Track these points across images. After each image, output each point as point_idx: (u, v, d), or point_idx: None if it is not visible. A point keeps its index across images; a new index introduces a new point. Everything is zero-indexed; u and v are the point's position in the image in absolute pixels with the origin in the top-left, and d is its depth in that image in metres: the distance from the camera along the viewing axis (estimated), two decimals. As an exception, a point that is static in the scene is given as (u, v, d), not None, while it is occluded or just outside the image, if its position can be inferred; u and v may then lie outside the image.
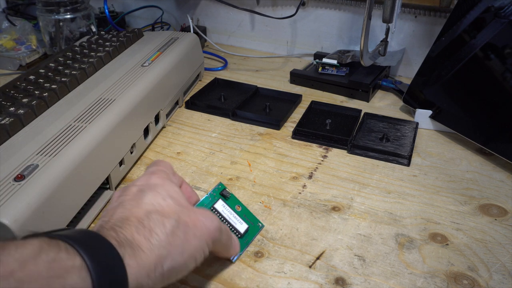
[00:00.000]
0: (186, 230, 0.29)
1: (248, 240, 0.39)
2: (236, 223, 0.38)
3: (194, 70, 0.68)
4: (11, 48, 0.78)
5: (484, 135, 0.51)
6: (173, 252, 0.28)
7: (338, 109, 0.61)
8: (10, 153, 0.39)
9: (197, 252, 0.30)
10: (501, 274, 0.36)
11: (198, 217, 0.31)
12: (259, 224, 0.40)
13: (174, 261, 0.28)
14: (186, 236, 0.29)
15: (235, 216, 0.38)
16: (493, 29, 0.53)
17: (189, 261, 0.29)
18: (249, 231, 0.39)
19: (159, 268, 0.27)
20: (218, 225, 0.32)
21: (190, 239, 0.29)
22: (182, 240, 0.29)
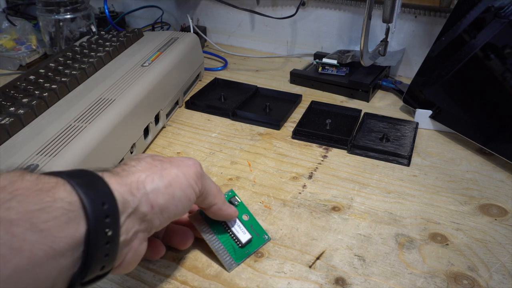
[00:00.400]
0: (162, 162, 0.31)
1: (249, 251, 0.37)
2: (239, 232, 0.37)
3: (194, 70, 0.68)
4: (11, 48, 0.78)
5: (484, 135, 0.51)
6: (151, 176, 0.29)
7: (338, 109, 0.61)
8: (10, 153, 0.39)
9: (179, 178, 0.31)
10: (501, 274, 0.36)
11: (175, 157, 0.33)
12: (265, 236, 0.39)
13: (155, 183, 0.29)
14: (163, 165, 0.31)
15: (239, 225, 0.38)
16: (493, 29, 0.53)
17: (174, 189, 0.30)
18: (252, 242, 0.38)
19: (141, 187, 0.28)
20: (197, 163, 0.33)
21: (167, 167, 0.31)
22: (160, 168, 0.30)
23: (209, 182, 0.34)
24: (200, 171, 0.33)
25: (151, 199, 0.29)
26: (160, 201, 0.29)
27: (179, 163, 0.32)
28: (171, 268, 0.37)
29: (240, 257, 0.37)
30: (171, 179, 0.30)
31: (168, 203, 0.30)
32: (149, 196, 0.29)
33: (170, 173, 0.30)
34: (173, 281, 0.35)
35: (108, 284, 0.35)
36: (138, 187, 0.28)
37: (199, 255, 0.38)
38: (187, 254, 0.38)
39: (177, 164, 0.32)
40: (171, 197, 0.30)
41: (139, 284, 0.35)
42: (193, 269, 0.36)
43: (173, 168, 0.31)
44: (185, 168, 0.32)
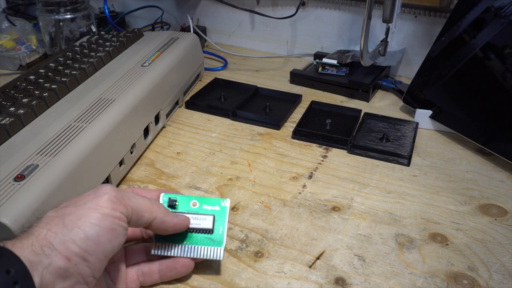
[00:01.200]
0: (65, 209, 0.29)
1: (222, 228, 0.35)
2: (200, 222, 0.35)
3: (194, 70, 0.68)
4: (11, 48, 0.78)
5: (484, 135, 0.51)
6: (53, 229, 0.27)
7: (338, 109, 0.61)
8: (10, 153, 0.39)
9: (89, 218, 0.28)
10: (501, 274, 0.36)
11: (82, 195, 0.30)
12: (222, 203, 0.36)
13: (59, 235, 0.27)
14: (65, 211, 0.28)
15: (195, 217, 0.35)
16: (493, 29, 0.53)
17: (85, 230, 0.27)
18: (217, 218, 0.35)
19: (45, 244, 0.26)
20: (109, 186, 0.30)
21: (71, 211, 0.28)
22: (61, 217, 0.28)
23: (135, 200, 0.31)
24: (115, 194, 0.30)
25: (62, 252, 0.26)
26: (74, 250, 0.27)
27: (86, 198, 0.29)
28: (171, 268, 0.36)
29: (220, 240, 0.35)
30: (78, 222, 0.27)
31: (86, 247, 0.27)
32: (58, 250, 0.26)
33: (75, 216, 0.28)
34: (173, 281, 0.35)
35: (108, 284, 0.35)
36: (42, 244, 0.26)
37: (199, 255, 0.38)
38: (187, 254, 0.38)
39: (83, 201, 0.29)
40: (86, 239, 0.27)
41: (139, 284, 0.35)
42: (193, 269, 0.36)
43: (78, 209, 0.28)
44: (94, 201, 0.29)
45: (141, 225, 0.32)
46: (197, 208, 0.35)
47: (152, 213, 0.32)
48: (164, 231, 0.33)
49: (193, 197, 0.36)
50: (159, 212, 0.32)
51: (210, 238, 0.35)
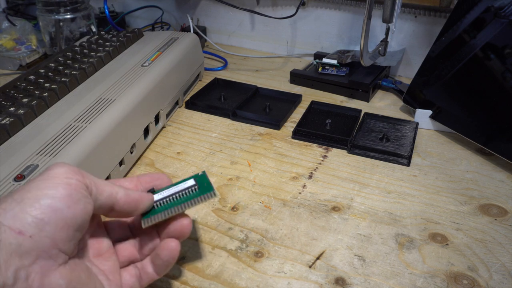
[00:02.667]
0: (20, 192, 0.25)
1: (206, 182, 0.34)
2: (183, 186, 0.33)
3: (194, 70, 0.68)
4: (11, 48, 0.78)
5: (484, 135, 0.51)
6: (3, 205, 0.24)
7: (338, 109, 0.61)
8: (10, 153, 0.39)
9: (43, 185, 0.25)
10: (501, 274, 0.36)
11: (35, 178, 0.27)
12: (199, 174, 0.35)
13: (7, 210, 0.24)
14: (14, 192, 0.25)
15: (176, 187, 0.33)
16: (493, 29, 0.53)
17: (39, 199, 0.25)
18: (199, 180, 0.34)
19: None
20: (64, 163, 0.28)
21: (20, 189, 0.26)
22: (9, 196, 0.25)
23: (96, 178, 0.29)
24: (68, 165, 0.27)
25: (12, 226, 0.24)
26: (27, 220, 0.24)
27: (40, 176, 0.26)
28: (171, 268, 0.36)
29: (208, 187, 0.33)
30: (27, 193, 0.25)
31: (41, 214, 0.24)
32: (7, 225, 0.24)
33: (24, 191, 0.25)
34: (173, 281, 0.35)
35: (108, 284, 0.35)
36: None
37: (199, 255, 0.38)
38: (187, 254, 0.38)
39: (37, 178, 0.26)
40: (40, 207, 0.25)
41: (139, 284, 0.35)
42: (193, 269, 0.36)
43: (28, 184, 0.26)
44: (45, 174, 0.26)
45: (103, 202, 0.29)
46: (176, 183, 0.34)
47: (114, 187, 0.29)
48: (134, 209, 0.31)
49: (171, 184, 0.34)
50: (120, 188, 0.30)
51: (197, 190, 0.33)
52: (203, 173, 0.35)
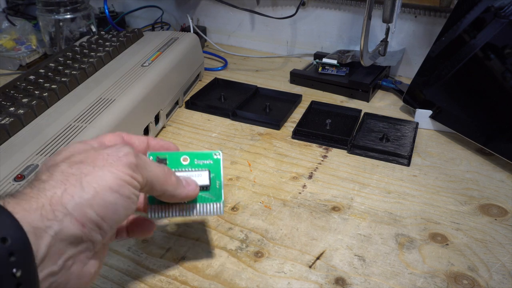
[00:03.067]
0: (82, 166, 0.26)
1: (219, 182, 0.33)
2: (196, 179, 0.33)
3: (194, 70, 0.68)
4: (11, 48, 0.78)
5: (484, 135, 0.51)
6: (69, 189, 0.24)
7: (338, 109, 0.61)
8: (10, 153, 0.39)
9: (108, 181, 0.25)
10: (501, 274, 0.36)
11: (100, 152, 0.27)
12: (215, 156, 0.34)
13: (76, 198, 0.24)
14: (82, 169, 0.25)
15: (190, 175, 0.33)
16: (493, 29, 0.53)
17: (103, 193, 0.25)
18: (212, 170, 0.33)
19: (58, 208, 0.24)
20: (129, 150, 0.27)
21: (90, 172, 0.25)
22: (79, 176, 0.25)
23: (151, 169, 0.29)
24: (134, 161, 0.27)
25: (78, 218, 0.24)
26: (91, 216, 0.24)
27: (105, 158, 0.26)
28: (171, 268, 0.37)
29: (219, 195, 0.33)
30: (96, 185, 0.25)
31: (103, 213, 0.25)
32: (73, 215, 0.24)
33: (93, 178, 0.25)
34: (173, 281, 0.35)
35: (108, 284, 0.35)
36: (54, 208, 0.23)
37: (199, 255, 0.38)
38: (187, 254, 0.38)
39: (103, 160, 0.26)
40: (104, 205, 0.25)
41: (139, 284, 0.35)
42: (193, 269, 0.36)
43: (97, 170, 0.26)
44: (114, 164, 0.26)
45: (150, 194, 0.31)
46: (189, 164, 0.33)
47: (163, 187, 0.30)
48: (171, 201, 0.31)
49: (183, 152, 0.33)
50: (170, 185, 0.30)
51: (207, 194, 0.33)
52: (217, 160, 0.33)
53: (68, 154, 0.27)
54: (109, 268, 0.37)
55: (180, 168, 0.32)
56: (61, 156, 0.27)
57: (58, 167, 0.26)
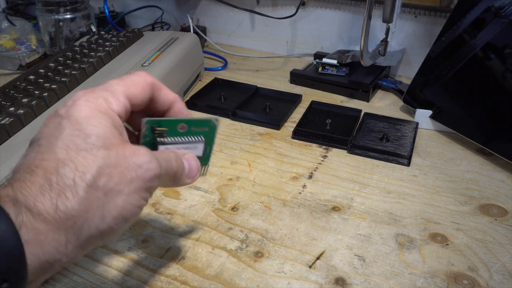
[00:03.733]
0: (108, 185, 0.23)
1: (210, 147, 0.33)
2: (191, 151, 0.32)
3: (194, 70, 0.68)
4: (11, 48, 0.78)
5: (484, 135, 0.51)
6: (91, 220, 0.22)
7: (338, 109, 0.61)
8: (10, 153, 0.39)
9: (127, 211, 0.24)
10: (501, 274, 0.36)
11: (129, 165, 0.24)
12: (213, 123, 0.32)
13: (93, 229, 0.22)
14: (108, 194, 0.23)
15: (186, 147, 0.32)
16: (493, 29, 0.53)
17: (118, 224, 0.24)
18: (206, 139, 0.32)
19: (72, 241, 0.22)
20: (157, 168, 0.25)
21: (114, 197, 0.23)
22: (103, 201, 0.23)
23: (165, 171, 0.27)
24: (159, 171, 0.25)
25: (85, 248, 0.23)
26: (97, 243, 0.24)
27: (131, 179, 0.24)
28: (171, 268, 0.37)
29: (206, 159, 0.33)
30: (115, 216, 0.23)
31: (108, 238, 0.24)
32: (83, 246, 0.23)
33: (115, 207, 0.23)
34: (173, 281, 0.35)
35: (108, 284, 0.35)
36: (69, 240, 0.22)
37: (199, 255, 0.38)
38: (187, 254, 0.38)
39: (129, 182, 0.24)
40: (113, 233, 0.24)
41: (139, 284, 0.35)
42: (193, 269, 0.36)
43: (121, 196, 0.23)
44: (138, 189, 0.24)
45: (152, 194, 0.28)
46: (186, 131, 0.31)
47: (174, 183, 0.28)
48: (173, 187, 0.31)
49: (179, 120, 0.31)
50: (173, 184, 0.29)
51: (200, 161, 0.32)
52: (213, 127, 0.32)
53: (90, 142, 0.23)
54: (109, 268, 0.37)
55: (177, 136, 0.31)
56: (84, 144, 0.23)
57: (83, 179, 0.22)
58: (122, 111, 0.26)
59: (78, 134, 0.23)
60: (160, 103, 0.30)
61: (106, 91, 0.26)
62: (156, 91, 0.29)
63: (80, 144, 0.23)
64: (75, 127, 0.23)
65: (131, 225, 0.26)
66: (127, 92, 0.27)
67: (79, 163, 0.23)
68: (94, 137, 0.23)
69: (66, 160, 0.22)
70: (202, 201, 0.44)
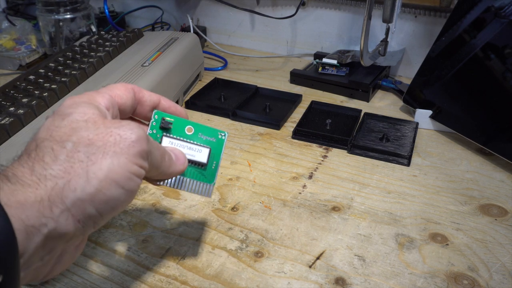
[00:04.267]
0: (90, 150, 0.23)
1: (216, 163, 0.32)
2: (195, 154, 0.31)
3: (194, 70, 0.68)
4: (11, 48, 0.78)
5: (484, 135, 0.51)
6: (74, 181, 0.22)
7: (338, 109, 0.61)
8: (9, 153, 0.39)
9: (116, 173, 0.23)
10: (501, 274, 0.36)
11: (111, 131, 0.24)
12: (220, 135, 0.32)
13: (79, 191, 0.22)
14: (91, 157, 0.22)
15: (190, 147, 0.31)
16: (493, 29, 0.53)
17: (108, 188, 0.23)
18: (212, 151, 0.32)
19: (57, 202, 0.21)
20: (143, 134, 0.25)
21: (98, 160, 0.22)
22: (86, 163, 0.22)
23: (157, 153, 0.27)
24: (146, 148, 0.25)
25: (75, 214, 0.22)
26: (90, 212, 0.22)
27: (117, 142, 0.23)
28: (171, 268, 0.37)
29: (212, 177, 0.32)
30: (102, 177, 0.22)
31: (102, 209, 0.23)
32: (71, 211, 0.22)
33: (101, 168, 0.22)
34: (173, 281, 0.35)
35: (108, 284, 0.35)
36: (53, 203, 0.21)
37: (199, 255, 0.38)
38: (187, 254, 0.38)
39: (114, 145, 0.23)
40: (106, 201, 0.23)
41: (139, 284, 0.35)
42: (193, 269, 0.36)
43: (106, 158, 0.23)
44: (125, 151, 0.23)
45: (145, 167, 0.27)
46: (192, 135, 0.32)
47: (159, 169, 0.28)
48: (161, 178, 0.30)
49: (189, 121, 0.32)
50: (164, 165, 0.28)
51: (201, 172, 0.32)
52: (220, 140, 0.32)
53: (73, 121, 0.24)
54: (109, 268, 0.37)
55: (182, 137, 0.31)
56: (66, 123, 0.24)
57: (63, 146, 0.23)
58: (108, 103, 0.27)
59: (58, 117, 0.24)
60: (146, 103, 0.31)
61: (88, 93, 0.27)
62: (138, 93, 0.31)
63: (60, 123, 0.24)
64: (57, 113, 0.25)
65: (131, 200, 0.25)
66: (111, 92, 0.29)
67: (57, 136, 0.23)
68: (75, 114, 0.24)
69: (46, 136, 0.23)
70: (202, 201, 0.44)
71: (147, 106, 0.31)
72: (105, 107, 0.27)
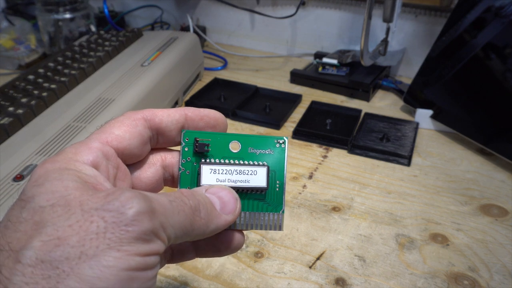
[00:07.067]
0: (60, 255, 0.16)
1: (280, 183, 0.24)
2: (249, 179, 0.23)
3: (193, 70, 0.68)
4: (10, 47, 0.78)
5: (484, 135, 0.51)
6: None
7: (338, 109, 0.61)
8: (9, 153, 0.39)
9: (105, 280, 0.15)
10: (501, 275, 0.36)
11: (92, 215, 0.16)
12: (278, 143, 0.24)
13: None
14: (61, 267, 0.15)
15: (240, 171, 0.23)
16: (494, 29, 0.53)
17: None
18: (272, 167, 0.23)
19: None
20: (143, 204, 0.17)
21: (73, 269, 0.15)
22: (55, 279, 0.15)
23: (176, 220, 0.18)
24: (149, 226, 0.17)
25: None
26: None
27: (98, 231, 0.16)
28: (171, 269, 0.36)
29: (278, 202, 0.24)
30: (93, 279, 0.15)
31: None
32: None
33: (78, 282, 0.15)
34: (173, 281, 0.35)
35: (108, 284, 0.35)
36: None
37: (199, 256, 0.38)
38: (186, 254, 0.38)
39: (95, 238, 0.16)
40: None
41: (138, 284, 0.35)
42: (193, 269, 0.36)
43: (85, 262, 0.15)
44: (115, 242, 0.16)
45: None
46: (240, 152, 0.24)
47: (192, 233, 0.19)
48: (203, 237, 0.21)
49: (232, 134, 0.24)
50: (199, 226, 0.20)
51: (262, 199, 0.24)
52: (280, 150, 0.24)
53: (36, 210, 0.17)
54: (109, 269, 0.36)
55: (227, 158, 0.23)
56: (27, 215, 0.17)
57: (19, 260, 0.16)
58: (97, 158, 0.20)
59: (18, 205, 0.17)
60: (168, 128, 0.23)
61: (70, 147, 0.20)
62: (152, 121, 0.23)
63: (19, 216, 0.17)
64: (20, 196, 0.18)
65: None
66: (105, 137, 0.21)
67: (14, 240, 0.16)
68: (38, 198, 0.17)
69: (1, 242, 0.16)
70: (202, 201, 0.44)
71: (171, 131, 0.23)
72: (93, 165, 0.20)
